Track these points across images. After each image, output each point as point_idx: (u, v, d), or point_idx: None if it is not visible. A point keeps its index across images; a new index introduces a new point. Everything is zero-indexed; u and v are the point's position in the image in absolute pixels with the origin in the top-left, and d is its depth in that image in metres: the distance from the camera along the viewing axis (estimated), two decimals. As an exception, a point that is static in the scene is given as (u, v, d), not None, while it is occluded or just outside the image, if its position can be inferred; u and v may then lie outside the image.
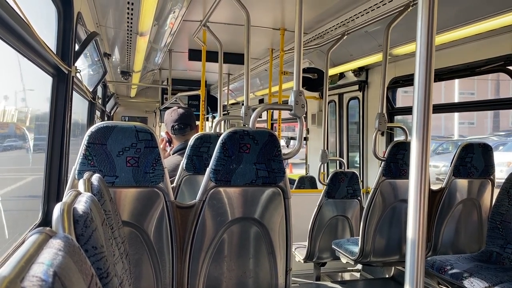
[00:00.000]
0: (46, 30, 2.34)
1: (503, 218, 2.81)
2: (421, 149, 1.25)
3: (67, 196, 1.02)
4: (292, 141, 7.96)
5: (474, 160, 3.15)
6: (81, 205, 0.92)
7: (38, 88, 2.56)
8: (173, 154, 3.06)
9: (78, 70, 2.46)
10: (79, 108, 4.52)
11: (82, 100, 4.44)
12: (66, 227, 0.81)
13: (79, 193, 1.07)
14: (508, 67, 3.25)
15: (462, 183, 3.19)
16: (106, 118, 6.73)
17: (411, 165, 1.28)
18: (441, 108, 4.96)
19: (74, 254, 0.60)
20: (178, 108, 3.16)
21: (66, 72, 2.31)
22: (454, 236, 3.25)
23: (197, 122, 3.35)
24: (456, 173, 3.15)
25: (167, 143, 3.18)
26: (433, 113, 1.30)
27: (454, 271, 2.56)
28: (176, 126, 3.04)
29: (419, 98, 1.26)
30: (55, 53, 2.20)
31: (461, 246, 3.28)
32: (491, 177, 3.23)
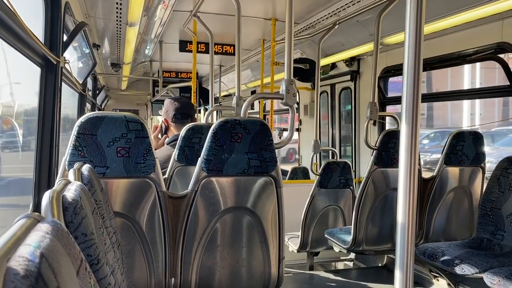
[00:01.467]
0: (34, 20, 2.30)
1: (493, 205, 2.84)
2: (410, 137, 1.26)
3: (56, 184, 1.01)
4: (284, 132, 7.97)
5: (465, 148, 3.18)
6: (70, 193, 0.91)
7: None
8: (167, 145, 3.04)
9: (67, 61, 2.43)
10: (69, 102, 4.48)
11: (72, 93, 4.40)
12: (56, 214, 0.80)
13: (68, 182, 1.06)
14: (498, 55, 3.27)
15: (453, 171, 3.21)
16: (96, 111, 6.68)
17: (400, 152, 1.28)
18: (430, 97, 4.99)
19: (63, 238, 0.59)
20: (180, 98, 3.19)
21: (55, 62, 2.28)
22: (446, 224, 3.28)
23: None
24: (447, 161, 3.18)
25: (161, 131, 3.16)
26: (422, 102, 1.31)
27: (445, 258, 2.59)
28: (179, 115, 3.02)
29: (408, 87, 1.26)
30: (43, 43, 2.17)
31: (453, 233, 3.31)
32: (482, 165, 3.26)
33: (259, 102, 7.08)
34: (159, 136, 3.15)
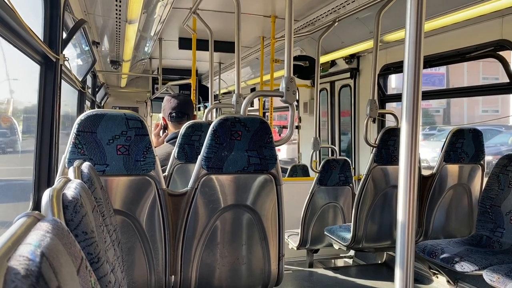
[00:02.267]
0: (33, 18, 2.30)
1: (493, 203, 2.84)
2: (410, 135, 1.26)
3: (56, 183, 1.01)
4: (284, 130, 7.97)
5: (464, 145, 3.18)
6: (70, 191, 0.91)
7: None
8: (166, 142, 3.03)
9: (66, 58, 2.43)
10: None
11: (72, 91, 4.39)
12: (56, 213, 0.80)
13: (68, 180, 1.06)
14: (498, 53, 3.26)
15: (453, 168, 3.22)
16: (96, 108, 6.67)
17: (400, 150, 1.28)
18: (430, 95, 4.98)
19: (63, 237, 0.59)
20: (178, 95, 3.13)
21: (54, 60, 2.28)
22: (445, 221, 3.29)
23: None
24: (447, 159, 3.18)
25: (162, 129, 3.15)
26: (423, 99, 1.30)
27: (444, 255, 2.59)
28: (174, 114, 3.00)
29: (409, 84, 1.26)
30: (42, 40, 2.17)
31: (452, 230, 3.32)
32: (481, 162, 3.26)
33: (259, 99, 7.07)
34: (160, 133, 3.14)
